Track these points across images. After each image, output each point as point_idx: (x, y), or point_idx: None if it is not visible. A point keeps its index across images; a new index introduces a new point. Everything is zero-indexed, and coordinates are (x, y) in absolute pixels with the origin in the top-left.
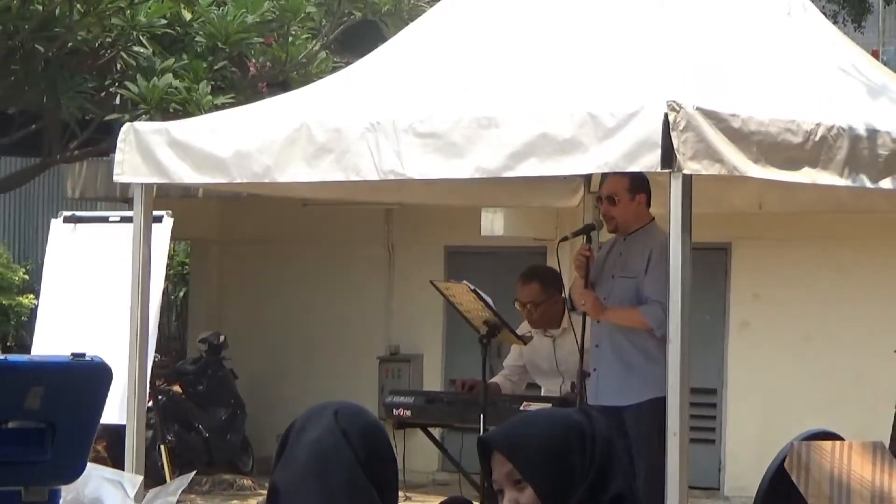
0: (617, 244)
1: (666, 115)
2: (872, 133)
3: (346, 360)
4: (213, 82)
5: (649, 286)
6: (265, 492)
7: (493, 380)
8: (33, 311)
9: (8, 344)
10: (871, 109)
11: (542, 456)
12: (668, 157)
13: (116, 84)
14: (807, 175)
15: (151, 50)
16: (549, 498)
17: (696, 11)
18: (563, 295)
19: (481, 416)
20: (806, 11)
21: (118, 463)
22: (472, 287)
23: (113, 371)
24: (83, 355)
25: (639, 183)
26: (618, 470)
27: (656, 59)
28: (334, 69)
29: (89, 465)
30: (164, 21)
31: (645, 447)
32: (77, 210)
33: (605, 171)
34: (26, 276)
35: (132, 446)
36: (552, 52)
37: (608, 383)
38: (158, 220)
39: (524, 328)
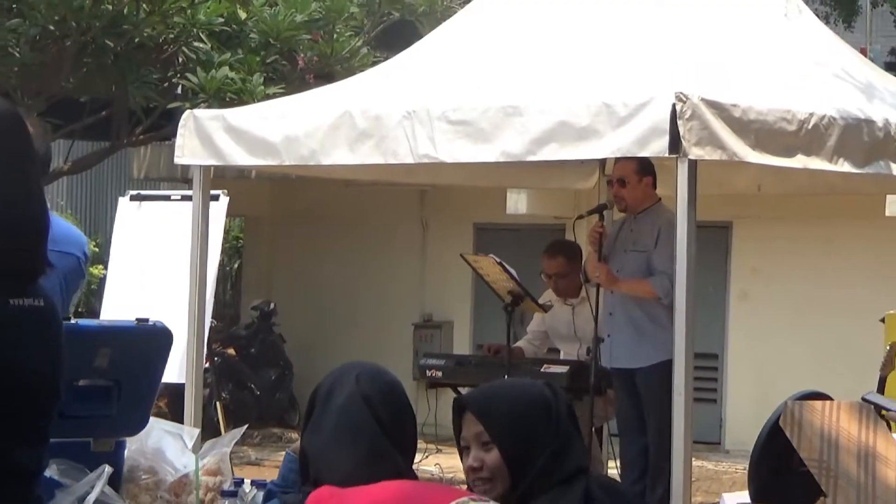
0: (627, 222)
1: (674, 105)
2: (859, 123)
3: (384, 325)
4: (265, 74)
5: (658, 260)
6: None
7: (517, 344)
8: (102, 281)
9: (79, 310)
10: (858, 102)
11: (511, 422)
12: (676, 143)
13: (178, 76)
14: (800, 161)
15: (210, 45)
16: (512, 462)
17: (701, 12)
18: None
19: (505, 377)
20: (801, 13)
21: (178, 418)
22: (498, 260)
23: (173, 335)
24: (147, 320)
25: (645, 166)
26: (577, 445)
27: (664, 54)
28: (374, 63)
29: (152, 419)
30: (221, 19)
31: (654, 405)
32: (142, 189)
33: (619, 155)
34: (96, 249)
35: (191, 403)
36: (570, 47)
37: (621, 348)
38: (215, 198)
39: (545, 297)
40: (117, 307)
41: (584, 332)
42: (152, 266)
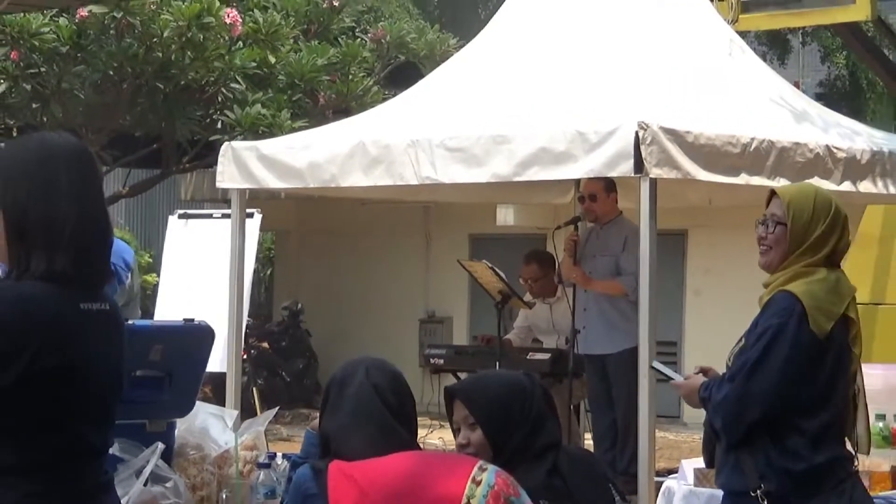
0: (594, 231)
1: (636, 133)
2: (793, 145)
3: (394, 321)
4: (291, 110)
5: (625, 262)
6: None
7: (507, 336)
8: (155, 287)
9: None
10: (792, 127)
11: (491, 405)
12: (639, 165)
13: (218, 112)
14: (743, 178)
15: (244, 86)
16: (493, 439)
17: (659, 51)
18: (555, 271)
19: (497, 363)
20: (743, 52)
21: (220, 401)
22: (490, 265)
23: (215, 332)
24: (193, 320)
25: (611, 184)
26: (550, 424)
27: (628, 88)
28: (384, 99)
29: (198, 403)
30: (254, 64)
31: (623, 386)
32: (188, 209)
33: (591, 176)
34: (150, 260)
35: (231, 388)
36: (549, 84)
37: (594, 337)
38: (250, 216)
39: (529, 297)
40: (168, 309)
41: (560, 326)
42: (197, 274)
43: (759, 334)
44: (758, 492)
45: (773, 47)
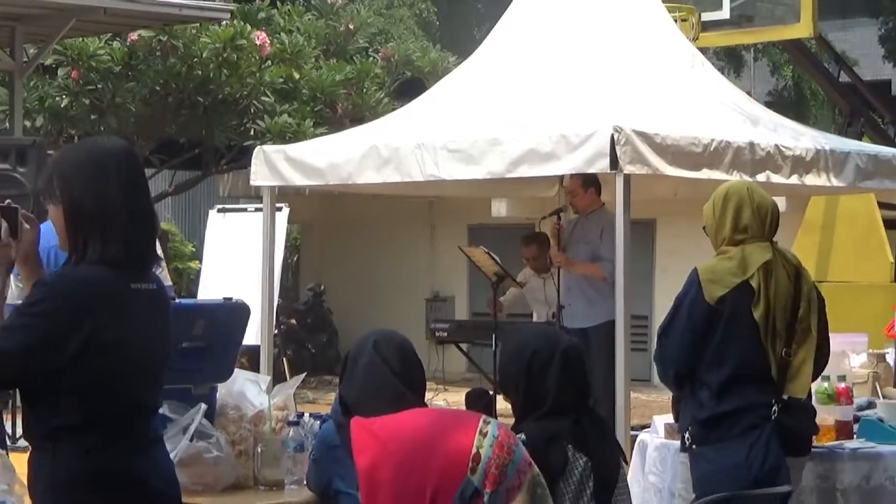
0: (579, 221)
1: (612, 135)
2: (748, 145)
3: (404, 300)
4: (313, 119)
5: (603, 249)
6: None
7: (500, 299)
8: (198, 272)
9: (181, 294)
10: (746, 130)
11: (504, 352)
12: (614, 162)
13: (250, 121)
14: (705, 173)
15: (273, 99)
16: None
17: (631, 65)
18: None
19: (493, 335)
20: (704, 65)
21: (255, 369)
22: (486, 250)
23: (250, 309)
24: (231, 299)
25: (589, 180)
26: (578, 382)
27: (605, 97)
28: (393, 109)
29: (236, 371)
30: (281, 79)
31: (602, 354)
32: (226, 204)
33: (573, 173)
34: (193, 249)
35: (264, 358)
36: (536, 93)
37: (577, 312)
38: (280, 209)
39: (521, 276)
40: (209, 290)
41: (551, 299)
42: (234, 260)
43: (673, 305)
44: (685, 435)
45: (729, 62)
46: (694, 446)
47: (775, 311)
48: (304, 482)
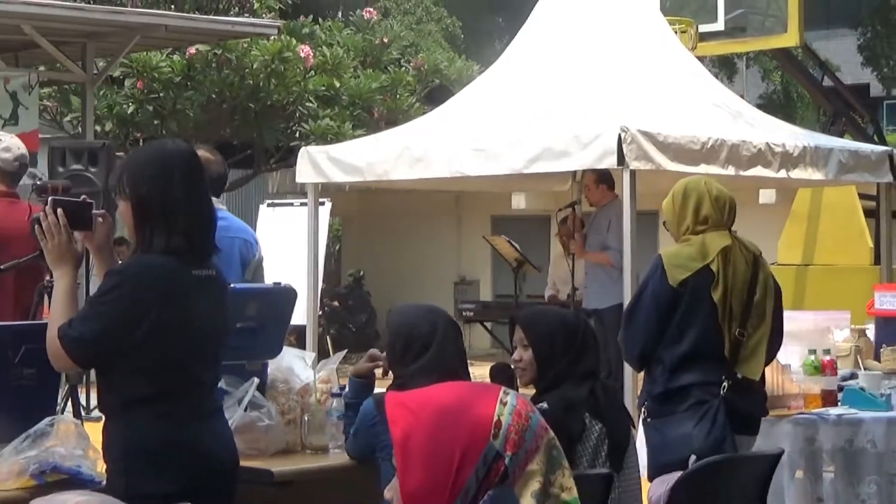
0: (595, 214)
1: (619, 135)
2: (741, 142)
3: (435, 283)
4: (352, 123)
5: (611, 238)
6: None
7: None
8: None
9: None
10: (740, 129)
11: (542, 331)
12: (621, 159)
13: (296, 125)
14: (703, 168)
15: (316, 105)
16: (540, 359)
17: (636, 72)
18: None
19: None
20: (701, 72)
21: (301, 347)
22: (507, 239)
23: (297, 293)
24: (280, 283)
25: (601, 176)
26: (590, 356)
27: (613, 101)
28: (423, 113)
29: (284, 348)
30: (323, 87)
31: (613, 331)
32: (275, 200)
33: (584, 168)
34: None
35: (310, 337)
36: (552, 98)
37: (591, 294)
38: (323, 204)
39: (553, 257)
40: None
41: (577, 281)
42: (283, 249)
43: (637, 289)
44: (642, 409)
45: (724, 68)
46: (648, 419)
47: (732, 294)
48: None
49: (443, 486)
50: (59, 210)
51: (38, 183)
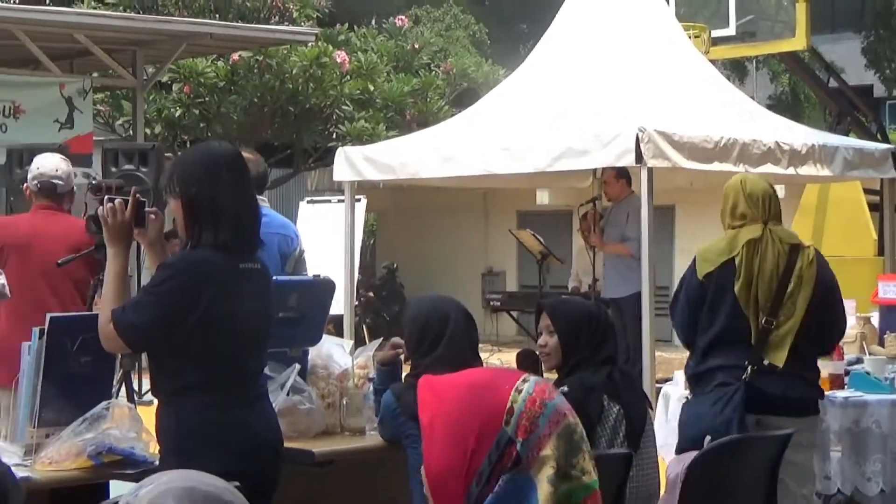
0: (613, 208)
1: (637, 134)
2: (752, 141)
3: (463, 274)
4: (386, 124)
5: (629, 230)
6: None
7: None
8: None
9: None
10: (750, 128)
11: (568, 320)
12: (639, 157)
13: (333, 126)
14: (716, 166)
15: (352, 107)
16: (564, 345)
17: (653, 75)
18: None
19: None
20: (713, 75)
21: (339, 335)
22: (532, 232)
23: (335, 284)
24: (319, 275)
25: (621, 172)
26: (610, 343)
27: (632, 103)
28: (452, 115)
29: (324, 336)
30: (358, 91)
31: (632, 319)
32: (314, 197)
33: (604, 166)
34: None
35: (347, 325)
36: (573, 100)
37: (611, 284)
38: (358, 201)
39: (575, 249)
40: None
41: (597, 272)
42: (321, 243)
43: (678, 282)
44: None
45: (735, 71)
46: (687, 398)
47: (758, 284)
48: None
49: (459, 468)
50: (121, 200)
51: (93, 182)
